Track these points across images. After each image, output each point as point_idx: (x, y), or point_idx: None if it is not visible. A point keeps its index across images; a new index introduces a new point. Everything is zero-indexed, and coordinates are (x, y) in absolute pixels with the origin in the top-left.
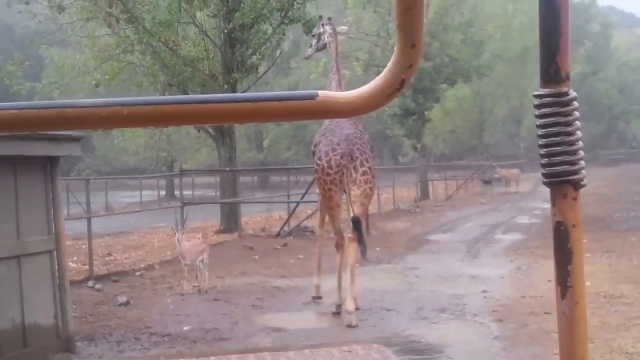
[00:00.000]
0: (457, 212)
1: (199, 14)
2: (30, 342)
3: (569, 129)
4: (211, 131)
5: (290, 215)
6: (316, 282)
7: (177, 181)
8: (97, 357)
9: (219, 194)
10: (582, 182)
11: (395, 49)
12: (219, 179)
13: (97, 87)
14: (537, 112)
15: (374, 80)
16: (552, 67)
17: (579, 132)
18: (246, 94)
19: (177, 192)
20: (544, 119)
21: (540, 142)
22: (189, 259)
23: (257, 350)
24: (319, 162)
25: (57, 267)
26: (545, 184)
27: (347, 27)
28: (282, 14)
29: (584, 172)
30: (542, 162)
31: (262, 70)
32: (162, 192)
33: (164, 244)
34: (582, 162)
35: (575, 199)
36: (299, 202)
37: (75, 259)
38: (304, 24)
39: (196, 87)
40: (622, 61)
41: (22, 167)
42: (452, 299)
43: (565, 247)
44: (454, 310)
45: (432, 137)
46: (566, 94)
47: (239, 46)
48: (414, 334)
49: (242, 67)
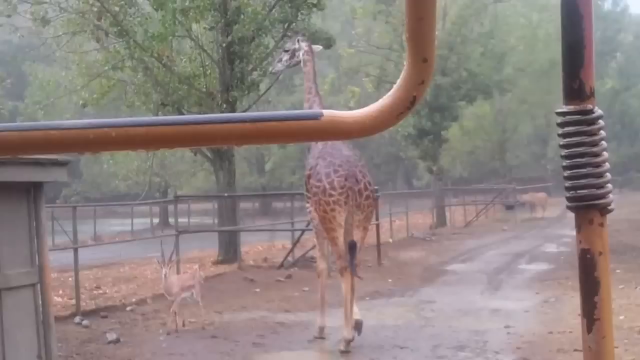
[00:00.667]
0: (477, 240)
1: (195, 26)
2: None
3: (595, 149)
4: (208, 154)
5: (294, 244)
6: (320, 322)
7: (171, 208)
8: None
9: (217, 221)
10: (609, 207)
11: (405, 63)
12: (216, 206)
13: (84, 107)
14: (560, 131)
15: (383, 98)
16: (575, 83)
17: (605, 152)
18: (246, 114)
19: (171, 220)
20: (568, 139)
21: (564, 164)
22: (174, 294)
23: None
24: (318, 184)
25: (40, 302)
26: (569, 208)
27: (321, 46)
28: (285, 26)
29: (611, 196)
30: (566, 185)
31: (263, 87)
32: (156, 220)
33: (157, 276)
34: (609, 185)
35: (602, 225)
36: (304, 230)
37: (60, 292)
38: (309, 37)
39: (192, 106)
40: None
41: (3, 194)
42: (471, 335)
43: (591, 276)
44: (473, 347)
45: (450, 158)
46: (591, 112)
47: (238, 61)
48: None
49: (241, 84)
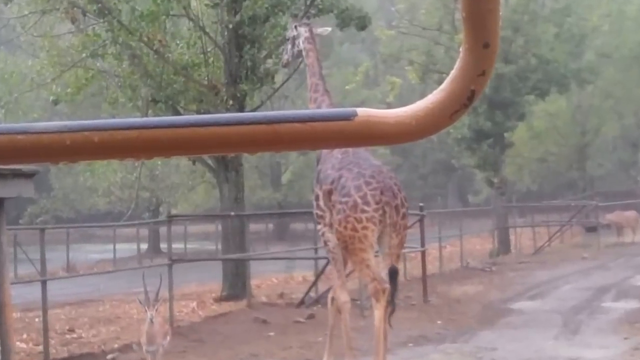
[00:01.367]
0: (549, 270)
1: (194, 3)
2: None
3: None
4: (210, 163)
5: (318, 276)
6: None
7: (163, 230)
8: None
9: (220, 247)
10: None
11: (461, 49)
12: (220, 227)
13: (56, 104)
14: None
15: (433, 93)
16: None
17: None
18: (260, 114)
19: (163, 246)
20: None
21: None
22: (157, 344)
23: None
24: (345, 199)
25: (0, 349)
26: None
27: (330, 28)
28: (308, 3)
29: None
30: None
31: (279, 79)
32: (144, 246)
33: (144, 316)
34: None
35: None
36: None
37: (25, 337)
38: (338, 15)
39: (190, 103)
40: None
41: None
42: None
43: None
44: None
45: (515, 167)
46: None
47: (248, 46)
48: None
49: (252, 76)
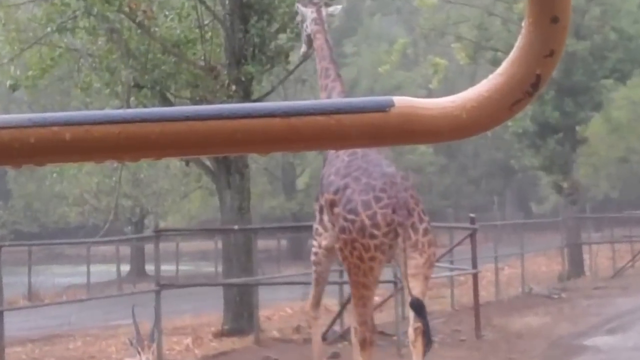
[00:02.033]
0: (632, 297)
1: None
2: None
3: None
4: (209, 164)
5: (344, 305)
6: None
7: (150, 248)
8: None
9: (221, 269)
10: None
11: (523, 24)
12: (221, 244)
13: (14, 90)
14: None
15: (489, 78)
16: None
17: None
18: (274, 104)
19: (150, 267)
20: None
21: None
22: None
23: None
24: (351, 217)
25: None
26: None
27: (341, 4)
28: None
29: None
30: None
31: (294, 59)
32: (125, 267)
33: (128, 354)
34: None
35: None
36: None
37: None
38: None
39: (183, 89)
40: None
41: None
42: None
43: None
44: None
45: (589, 169)
46: None
47: (255, 18)
48: None
49: (260, 55)
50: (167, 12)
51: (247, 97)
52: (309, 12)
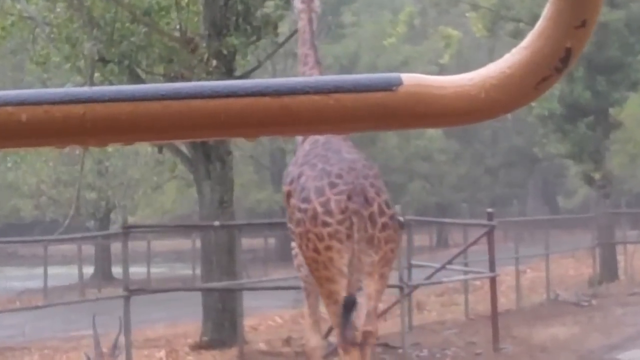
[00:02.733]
0: None
1: None
2: None
3: None
4: (185, 151)
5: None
6: None
7: (117, 247)
8: None
9: (199, 272)
10: None
11: None
12: (199, 243)
13: None
14: None
15: (512, 52)
16: None
17: None
18: (260, 81)
19: (117, 270)
20: None
21: None
22: None
23: None
24: (304, 205)
25: None
26: None
27: None
28: None
29: None
30: None
31: (284, 30)
32: (89, 270)
33: None
34: None
35: None
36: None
37: None
38: None
39: (156, 63)
40: None
41: None
42: None
43: None
44: None
45: (625, 158)
46: None
47: None
48: None
49: (245, 25)
50: None
51: (229, 73)
52: None
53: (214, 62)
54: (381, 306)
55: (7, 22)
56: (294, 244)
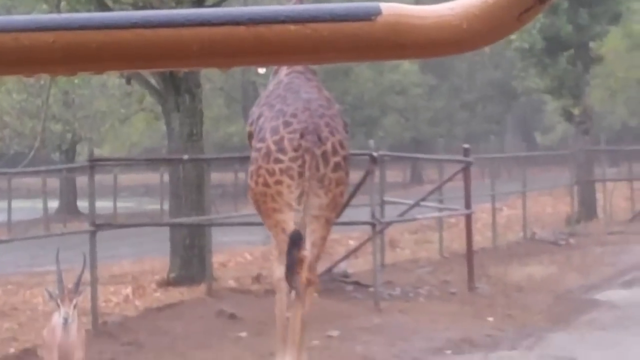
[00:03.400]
0: None
1: None
2: None
3: None
4: (153, 82)
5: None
6: None
7: (82, 181)
8: None
9: (166, 207)
10: None
11: None
12: (167, 178)
13: None
14: None
15: None
16: None
17: None
18: (234, 10)
19: (83, 204)
20: None
21: None
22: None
23: None
24: (259, 144)
25: None
26: None
27: None
28: None
29: None
30: None
31: None
32: (54, 204)
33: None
34: None
35: None
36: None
37: None
38: None
39: None
40: None
41: None
42: None
43: None
44: None
45: (605, 93)
46: None
47: None
48: None
49: None
50: None
51: (199, 1)
52: None
53: None
54: (352, 243)
55: None
56: None
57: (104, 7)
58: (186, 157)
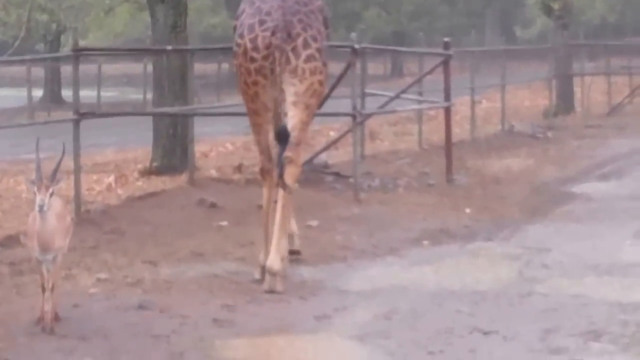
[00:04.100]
0: (629, 139)
1: None
2: None
3: None
4: None
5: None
6: (262, 259)
7: (67, 70)
8: None
9: (150, 96)
10: None
11: None
12: (151, 68)
13: None
14: None
15: None
16: None
17: None
18: None
19: (67, 93)
20: None
21: None
22: (56, 249)
23: None
24: (239, 41)
25: None
26: None
27: None
28: None
29: None
30: None
31: None
32: (38, 92)
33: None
34: None
35: None
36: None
37: None
38: None
39: None
40: None
41: None
42: (614, 313)
43: None
44: (617, 335)
45: None
46: None
47: None
48: None
49: None
50: None
51: None
52: None
53: None
54: (333, 134)
55: None
56: None
57: None
58: (170, 47)
